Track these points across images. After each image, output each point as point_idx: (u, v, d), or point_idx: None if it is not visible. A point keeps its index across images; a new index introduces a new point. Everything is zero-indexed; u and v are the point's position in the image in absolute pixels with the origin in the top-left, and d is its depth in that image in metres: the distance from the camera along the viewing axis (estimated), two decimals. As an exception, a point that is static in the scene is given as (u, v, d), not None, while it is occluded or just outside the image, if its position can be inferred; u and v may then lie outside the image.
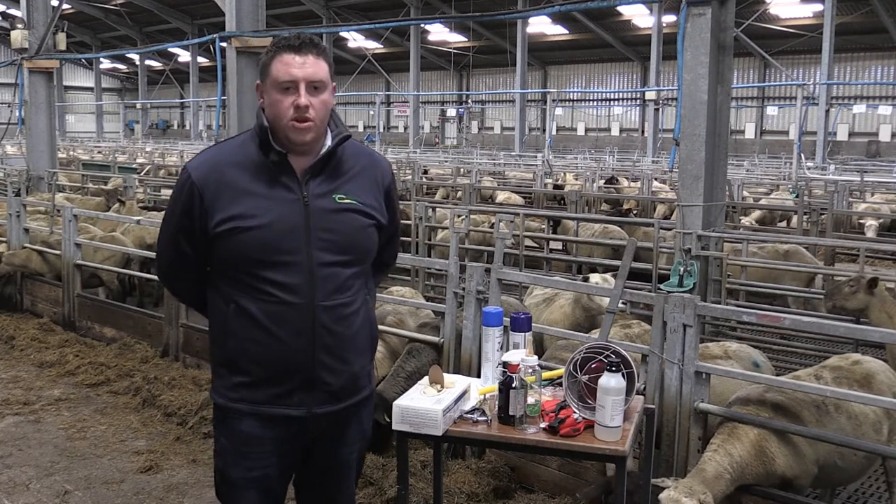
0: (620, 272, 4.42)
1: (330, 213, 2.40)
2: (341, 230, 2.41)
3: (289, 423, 2.43)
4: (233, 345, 2.40)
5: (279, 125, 2.35)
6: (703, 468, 3.52)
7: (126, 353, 6.81)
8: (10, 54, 17.66)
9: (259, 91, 2.42)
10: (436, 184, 19.43)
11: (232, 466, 2.48)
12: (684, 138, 6.61)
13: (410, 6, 37.66)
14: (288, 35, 2.40)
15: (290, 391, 2.41)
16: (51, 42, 12.09)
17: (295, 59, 2.33)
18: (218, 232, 2.35)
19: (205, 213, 2.36)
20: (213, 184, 2.36)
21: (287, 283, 2.35)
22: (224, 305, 2.42)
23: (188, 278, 2.56)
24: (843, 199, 13.31)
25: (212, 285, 2.49)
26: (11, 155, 19.71)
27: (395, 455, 3.21)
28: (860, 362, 4.09)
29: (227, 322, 2.40)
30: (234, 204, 2.34)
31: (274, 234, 2.34)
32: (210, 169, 2.38)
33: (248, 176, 2.37)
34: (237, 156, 2.40)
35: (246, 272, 2.36)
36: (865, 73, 36.81)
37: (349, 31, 39.75)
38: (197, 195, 2.36)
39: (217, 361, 2.48)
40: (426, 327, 5.22)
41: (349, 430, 2.57)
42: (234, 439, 2.45)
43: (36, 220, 9.09)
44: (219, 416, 2.50)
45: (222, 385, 2.46)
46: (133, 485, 4.57)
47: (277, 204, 2.35)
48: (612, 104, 45.82)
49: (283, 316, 2.36)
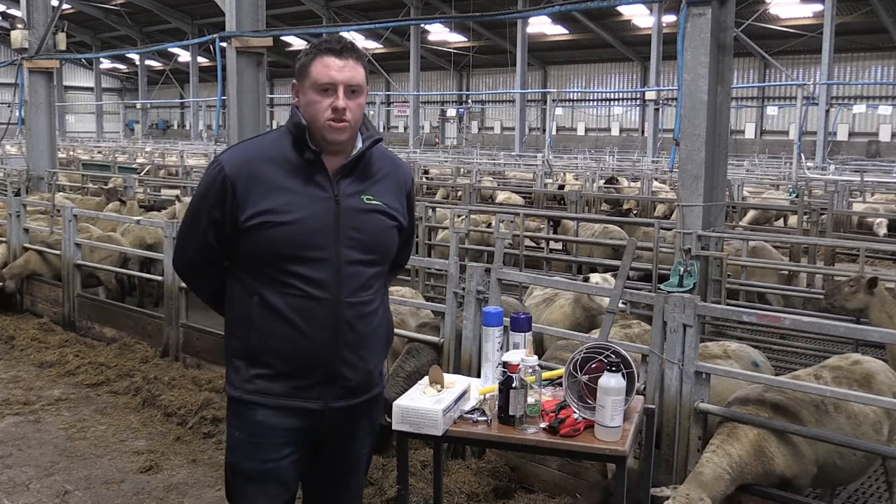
0: (620, 272, 4.42)
1: (359, 212, 2.46)
2: (368, 230, 2.48)
3: (305, 415, 2.47)
4: (255, 338, 2.42)
5: (315, 125, 2.41)
6: (701, 471, 3.52)
7: (126, 353, 6.81)
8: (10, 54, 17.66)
9: (294, 90, 2.48)
10: (436, 184, 19.44)
11: (246, 459, 2.49)
12: (684, 138, 6.61)
13: (410, 6, 37.66)
14: (328, 38, 2.46)
15: (311, 385, 2.45)
16: (51, 42, 12.09)
17: (336, 62, 2.39)
18: (249, 225, 2.38)
19: (236, 206, 2.39)
20: (246, 177, 2.39)
21: (315, 279, 2.40)
22: (247, 298, 2.44)
23: (211, 272, 2.58)
24: (843, 199, 13.31)
25: (233, 278, 2.51)
26: (11, 155, 19.72)
27: (395, 455, 3.21)
28: (860, 362, 4.09)
29: (250, 315, 2.43)
30: (266, 198, 2.38)
31: (306, 230, 2.39)
32: (243, 162, 2.42)
33: (282, 172, 2.41)
34: (271, 151, 2.45)
35: (274, 266, 2.40)
36: (865, 73, 36.82)
37: (349, 31, 39.69)
38: (229, 187, 2.39)
39: (234, 354, 2.49)
40: (426, 327, 5.22)
41: (361, 426, 2.61)
42: (248, 430, 2.47)
43: (36, 220, 9.09)
44: (233, 408, 2.52)
45: (239, 378, 2.47)
46: (133, 485, 4.57)
47: (310, 201, 2.41)
48: (612, 104, 45.82)
49: (308, 310, 2.40)
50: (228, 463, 2.56)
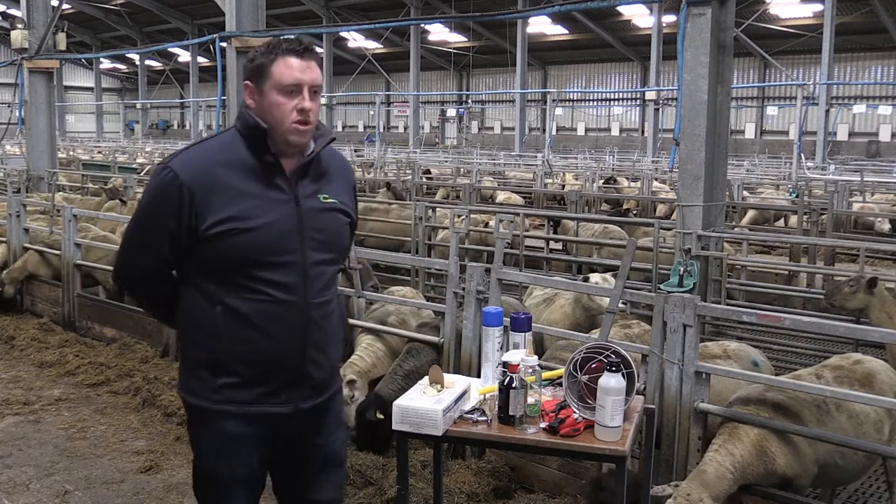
0: (620, 272, 4.42)
1: (318, 212, 2.46)
2: (328, 229, 2.49)
3: (274, 420, 2.47)
4: (220, 346, 2.39)
5: (280, 128, 2.38)
6: (704, 469, 3.52)
7: (126, 353, 6.81)
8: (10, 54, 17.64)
9: (249, 91, 2.42)
10: (436, 184, 19.43)
11: (216, 465, 2.49)
12: (684, 138, 6.61)
13: (410, 6, 37.65)
14: (286, 38, 2.42)
15: (278, 389, 2.44)
16: (51, 42, 12.08)
17: (299, 63, 2.37)
18: (212, 234, 2.32)
19: (194, 216, 2.32)
20: (205, 185, 2.33)
21: (283, 283, 2.38)
22: (209, 307, 2.39)
23: (163, 282, 2.50)
24: (843, 199, 13.30)
25: (191, 288, 2.44)
26: (11, 155, 19.71)
27: (395, 455, 3.21)
28: (861, 362, 4.09)
29: (214, 324, 2.38)
30: (229, 206, 2.33)
31: (273, 235, 2.36)
32: (199, 169, 2.35)
33: (241, 177, 2.37)
34: (226, 156, 2.39)
35: (239, 273, 2.36)
36: (865, 73, 36.80)
37: (349, 31, 39.80)
38: (186, 196, 2.32)
39: (197, 364, 2.44)
40: (426, 327, 5.22)
41: (328, 420, 2.62)
42: (218, 440, 2.46)
43: (36, 220, 9.09)
44: (198, 418, 2.48)
45: (204, 388, 2.43)
46: (133, 485, 4.57)
47: (273, 204, 2.39)
48: (612, 104, 45.80)
49: (277, 315, 2.39)
50: (198, 467, 2.56)
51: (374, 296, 5.78)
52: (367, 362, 5.17)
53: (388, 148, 32.42)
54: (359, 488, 4.34)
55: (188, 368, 2.48)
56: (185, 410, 2.56)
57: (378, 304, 5.80)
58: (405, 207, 10.77)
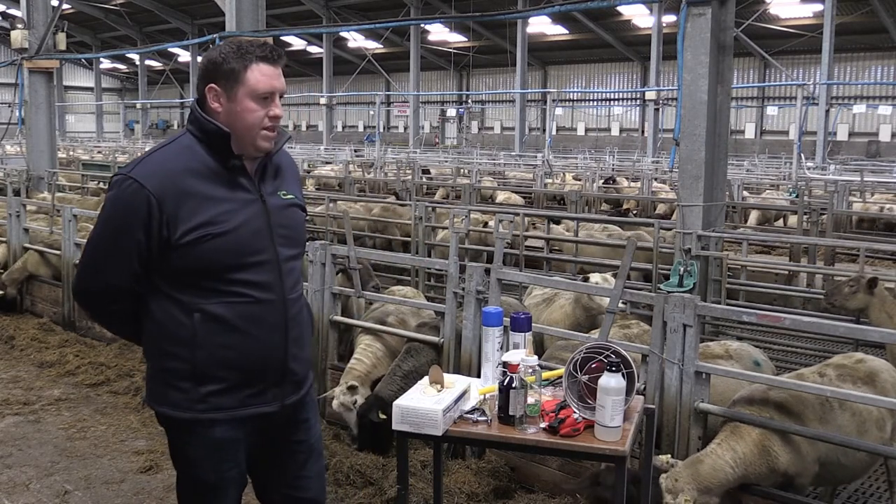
0: (620, 272, 4.42)
1: (281, 209, 2.50)
2: (292, 225, 2.53)
3: (261, 419, 2.49)
4: (202, 355, 2.35)
5: (248, 133, 2.38)
6: (701, 459, 3.55)
7: (126, 353, 6.80)
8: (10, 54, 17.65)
9: (215, 94, 2.37)
10: (436, 184, 19.42)
11: (207, 472, 2.49)
12: (684, 138, 6.61)
13: (410, 6, 37.64)
14: (255, 42, 2.40)
15: (265, 389, 2.46)
16: (51, 42, 12.09)
17: (272, 70, 2.38)
18: (185, 241, 2.30)
19: (165, 225, 2.29)
20: (172, 193, 2.29)
21: (261, 282, 2.41)
22: (185, 316, 2.35)
23: (128, 299, 2.43)
24: (843, 199, 13.30)
25: (162, 299, 2.38)
26: (11, 155, 19.70)
27: (395, 455, 3.21)
28: (864, 360, 4.10)
29: (192, 333, 2.34)
30: (199, 212, 2.31)
31: (245, 236, 2.38)
32: (164, 178, 2.30)
33: (207, 182, 2.35)
34: (189, 162, 2.35)
35: (216, 277, 2.35)
36: (865, 73, 36.79)
37: (349, 31, 39.77)
38: (155, 207, 2.28)
39: (176, 376, 2.38)
40: (425, 327, 5.22)
41: (309, 415, 2.66)
42: (205, 448, 2.45)
43: (36, 220, 9.08)
44: (182, 428, 2.44)
45: (187, 399, 2.39)
46: (133, 485, 4.57)
47: (242, 206, 2.40)
48: (612, 104, 45.78)
49: (258, 315, 2.40)
50: (187, 475, 2.53)
51: (375, 296, 5.78)
52: (366, 364, 5.16)
53: (388, 148, 32.42)
54: (359, 488, 4.34)
55: (165, 381, 2.41)
56: (164, 424, 2.51)
57: (378, 304, 5.80)
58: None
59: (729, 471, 3.54)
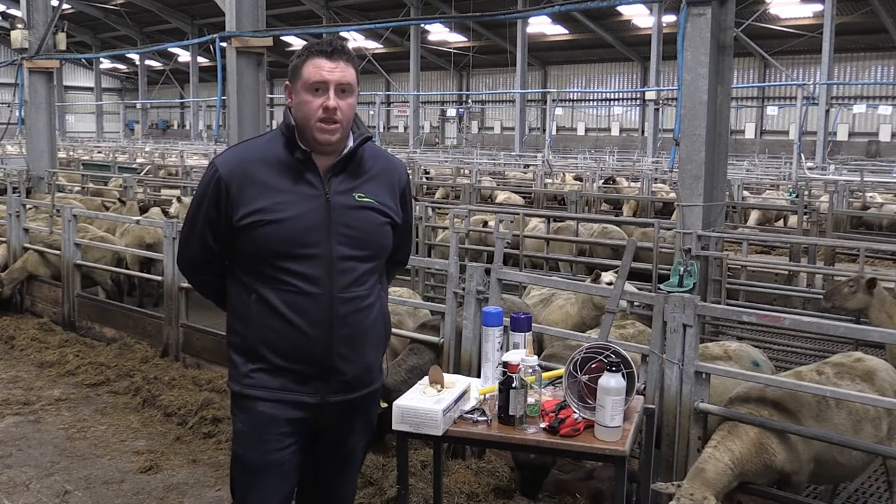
0: (620, 272, 4.42)
1: (350, 209, 2.51)
2: (359, 227, 2.53)
3: (303, 407, 2.52)
4: (252, 334, 2.49)
5: (307, 125, 2.47)
6: (703, 468, 3.52)
7: (126, 353, 6.81)
8: (10, 54, 17.67)
9: (288, 91, 2.54)
10: (436, 184, 19.43)
11: (249, 450, 2.55)
12: (684, 138, 6.62)
13: (410, 6, 37.65)
14: (321, 41, 2.51)
15: (307, 379, 2.49)
16: (51, 42, 12.09)
17: (326, 63, 2.45)
18: (242, 224, 2.44)
19: (230, 206, 2.46)
20: (239, 178, 2.46)
21: (307, 274, 2.45)
22: (245, 295, 2.51)
23: (211, 270, 2.64)
24: (843, 199, 13.31)
25: (233, 277, 2.58)
26: (11, 155, 19.71)
27: (395, 455, 3.21)
28: (862, 359, 4.11)
29: (248, 311, 2.49)
30: (258, 198, 2.45)
31: (297, 228, 2.44)
32: (236, 164, 2.49)
33: (274, 172, 2.48)
34: (263, 153, 2.51)
35: (268, 263, 2.46)
36: (865, 73, 36.79)
37: (349, 31, 39.74)
38: (223, 188, 2.47)
39: (234, 350, 2.55)
40: (425, 328, 5.22)
41: (357, 420, 2.65)
42: (251, 422, 2.53)
43: (36, 220, 9.08)
44: (235, 401, 2.58)
45: (238, 373, 2.53)
46: (133, 485, 4.57)
47: (301, 199, 2.47)
48: (612, 104, 45.79)
49: (302, 306, 2.45)
50: (234, 454, 2.61)
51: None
52: None
53: (388, 148, 32.40)
54: (359, 488, 4.33)
55: (229, 355, 2.59)
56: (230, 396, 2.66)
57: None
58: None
59: (729, 473, 3.53)
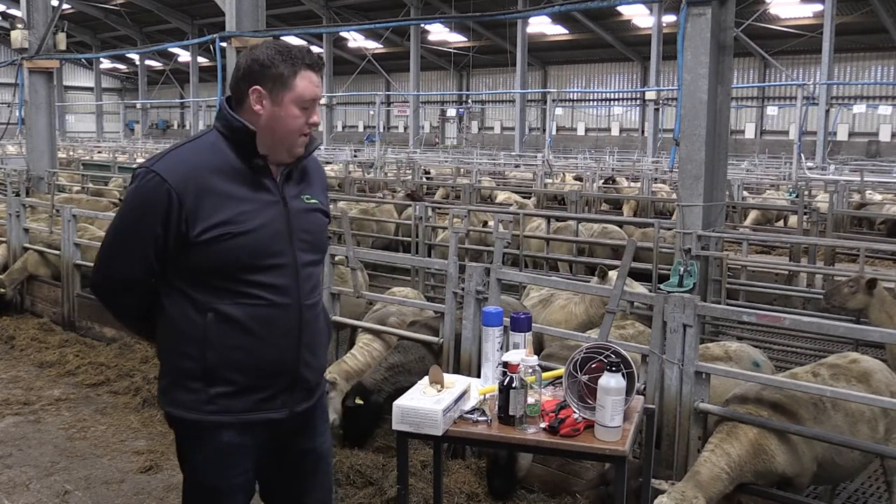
0: (620, 272, 4.42)
1: (303, 213, 2.48)
2: (313, 230, 2.50)
3: (269, 426, 2.45)
4: (213, 355, 2.33)
5: (286, 138, 2.38)
6: (699, 471, 3.52)
7: (126, 353, 6.80)
8: (10, 54, 17.66)
9: (259, 96, 2.35)
10: (436, 184, 19.43)
11: (214, 478, 2.44)
12: (684, 138, 6.62)
13: (410, 6, 37.64)
14: (301, 49, 2.41)
15: (275, 394, 2.42)
16: (51, 42, 12.09)
17: (315, 77, 2.41)
18: (203, 239, 2.28)
19: (183, 221, 2.27)
20: (193, 189, 2.27)
21: (277, 285, 2.37)
22: (198, 315, 2.33)
23: (140, 291, 2.41)
24: (843, 199, 13.30)
25: (177, 296, 2.37)
26: (11, 155, 19.71)
27: (395, 455, 3.21)
28: (858, 361, 4.10)
29: (202, 333, 2.32)
30: (219, 210, 2.29)
31: (265, 238, 2.35)
32: (186, 174, 2.29)
33: (230, 181, 2.33)
34: (212, 159, 2.34)
35: (231, 278, 2.32)
36: (865, 73, 36.79)
37: (349, 31, 39.78)
38: (175, 202, 2.26)
39: (187, 375, 2.36)
40: (416, 325, 5.22)
41: (318, 422, 2.64)
42: (213, 452, 2.41)
43: (36, 220, 9.08)
44: (190, 430, 2.42)
45: (196, 400, 2.36)
46: (133, 485, 4.57)
47: (263, 207, 2.37)
48: (612, 104, 45.78)
49: (271, 318, 2.37)
50: (193, 481, 2.49)
51: (374, 296, 5.77)
52: (358, 361, 5.14)
53: (388, 148, 32.39)
54: (359, 488, 4.34)
55: (175, 381, 2.39)
56: (172, 425, 2.47)
57: (379, 305, 5.79)
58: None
59: (725, 477, 3.52)
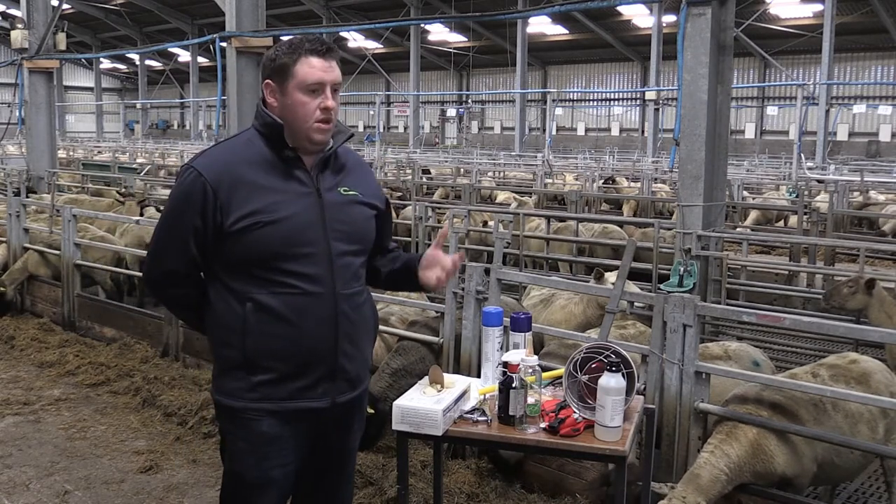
0: (620, 272, 4.42)
1: (340, 204, 2.50)
2: (351, 221, 2.52)
3: (311, 415, 2.48)
4: (252, 343, 2.40)
5: (302, 126, 2.42)
6: (698, 473, 3.52)
7: (126, 353, 6.80)
8: (10, 54, 17.66)
9: (270, 90, 2.45)
10: (436, 184, 19.43)
11: (251, 468, 2.47)
12: (684, 138, 6.62)
13: (410, 6, 37.64)
14: (308, 38, 2.46)
15: (315, 383, 2.45)
16: (51, 42, 12.09)
17: (321, 62, 2.42)
18: (237, 229, 2.36)
19: (219, 211, 2.37)
20: (227, 182, 2.37)
21: (310, 274, 2.41)
22: (238, 305, 2.41)
23: (188, 283, 2.52)
24: (843, 199, 13.30)
25: (219, 287, 2.46)
26: (11, 155, 19.71)
27: (395, 455, 3.21)
28: (857, 361, 4.10)
29: (244, 321, 2.40)
30: (251, 200, 2.37)
31: (296, 226, 2.40)
32: (221, 168, 2.40)
33: (262, 172, 2.42)
34: (246, 154, 2.44)
35: (266, 266, 2.39)
36: (865, 73, 36.79)
37: (349, 31, 39.75)
38: (211, 194, 2.37)
39: (230, 364, 2.44)
40: (416, 325, 5.21)
41: (355, 419, 2.65)
42: (253, 441, 2.45)
43: (36, 220, 9.08)
44: (233, 418, 2.47)
45: (239, 387, 2.43)
46: (133, 485, 4.57)
47: (295, 197, 2.43)
48: (612, 104, 45.80)
49: (306, 307, 2.41)
50: (231, 471, 2.53)
51: (375, 296, 5.76)
52: None
53: (388, 148, 32.39)
54: (359, 488, 4.34)
55: (222, 370, 2.48)
56: (218, 414, 2.55)
57: (381, 305, 5.79)
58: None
59: (724, 478, 3.52)
